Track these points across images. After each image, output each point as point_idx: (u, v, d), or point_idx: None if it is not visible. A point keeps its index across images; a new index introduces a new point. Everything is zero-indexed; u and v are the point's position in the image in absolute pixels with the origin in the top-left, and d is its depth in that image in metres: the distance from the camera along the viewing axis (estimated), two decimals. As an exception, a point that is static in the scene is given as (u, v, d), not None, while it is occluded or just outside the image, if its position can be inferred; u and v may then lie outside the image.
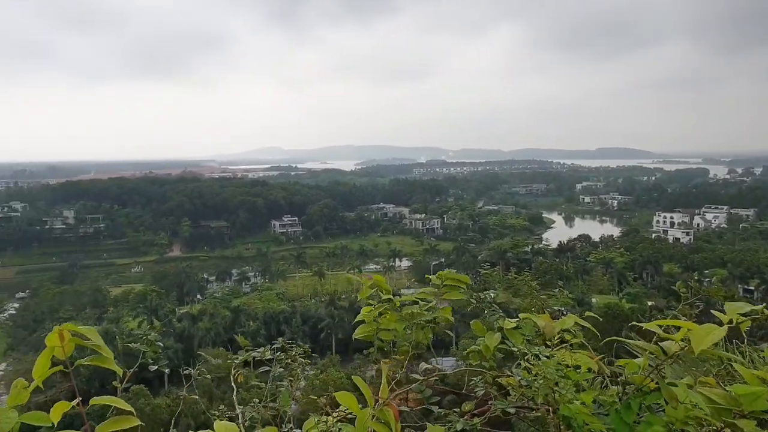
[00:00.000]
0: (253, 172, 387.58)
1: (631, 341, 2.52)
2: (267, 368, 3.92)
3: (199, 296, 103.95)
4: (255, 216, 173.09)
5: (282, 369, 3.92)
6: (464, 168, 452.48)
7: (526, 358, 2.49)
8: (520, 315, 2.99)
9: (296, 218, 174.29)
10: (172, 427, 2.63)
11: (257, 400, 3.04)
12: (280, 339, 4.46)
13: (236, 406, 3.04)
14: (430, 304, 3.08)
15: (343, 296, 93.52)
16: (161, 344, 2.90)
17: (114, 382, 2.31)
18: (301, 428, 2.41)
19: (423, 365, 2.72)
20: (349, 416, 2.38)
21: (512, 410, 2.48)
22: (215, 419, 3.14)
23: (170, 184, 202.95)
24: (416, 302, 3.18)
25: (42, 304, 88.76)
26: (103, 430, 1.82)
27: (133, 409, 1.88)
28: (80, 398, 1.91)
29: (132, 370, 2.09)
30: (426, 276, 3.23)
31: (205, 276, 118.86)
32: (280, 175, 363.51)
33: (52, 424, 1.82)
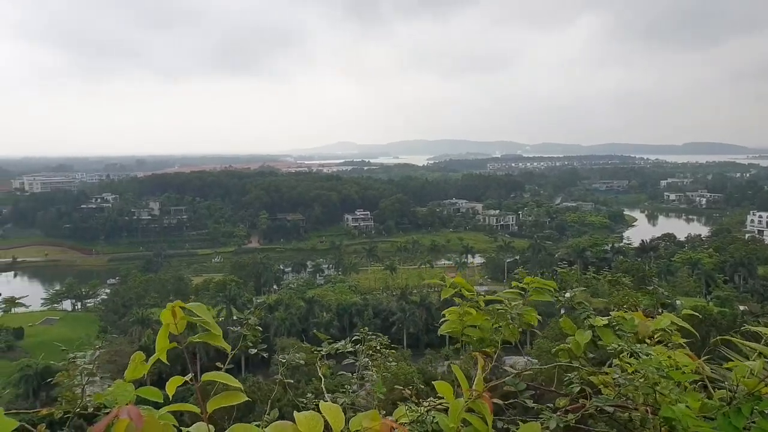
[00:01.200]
0: (328, 166, 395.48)
1: (745, 342, 2.38)
2: (339, 358, 4.05)
3: (275, 286, 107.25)
4: (329, 209, 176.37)
5: (367, 359, 4.08)
6: (541, 163, 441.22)
7: (621, 355, 2.40)
8: (611, 313, 2.91)
9: (368, 212, 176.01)
10: (269, 409, 2.73)
11: (349, 387, 3.12)
12: (361, 330, 4.65)
13: (325, 394, 3.12)
14: (518, 302, 3.07)
15: (414, 291, 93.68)
16: (260, 329, 3.04)
17: (217, 363, 2.44)
18: (388, 416, 2.44)
19: (515, 360, 2.69)
20: (439, 407, 2.39)
21: (610, 409, 2.40)
22: (303, 406, 3.27)
23: (249, 178, 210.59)
24: (500, 301, 3.18)
25: (130, 291, 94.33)
26: (214, 404, 1.85)
27: (241, 386, 1.90)
28: (193, 374, 1.97)
29: (233, 352, 2.18)
30: (512, 283, 3.22)
31: (281, 267, 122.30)
32: (354, 169, 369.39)
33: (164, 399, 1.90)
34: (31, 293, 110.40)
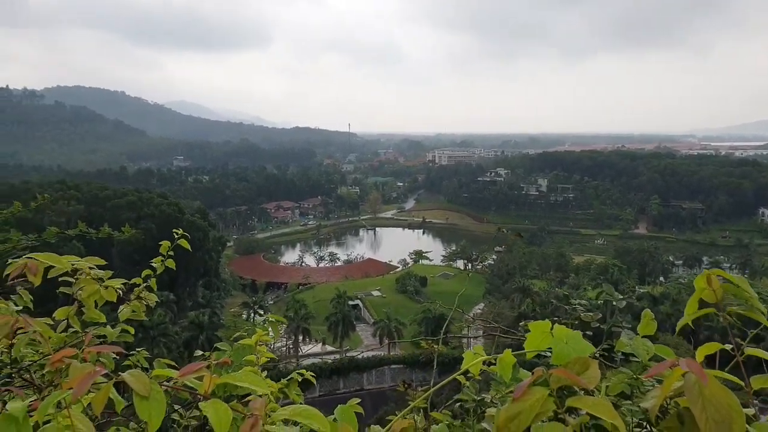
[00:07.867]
0: (742, 149, 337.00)
1: None
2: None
3: (661, 278, 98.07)
4: (738, 200, 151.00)
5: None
6: None
7: None
8: None
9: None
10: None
11: None
12: None
13: None
14: None
15: None
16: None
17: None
18: None
19: None
20: None
21: None
22: None
23: (642, 159, 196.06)
24: None
25: (513, 260, 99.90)
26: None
27: None
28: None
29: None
30: None
31: (671, 258, 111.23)
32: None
33: None
34: (434, 249, 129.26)
